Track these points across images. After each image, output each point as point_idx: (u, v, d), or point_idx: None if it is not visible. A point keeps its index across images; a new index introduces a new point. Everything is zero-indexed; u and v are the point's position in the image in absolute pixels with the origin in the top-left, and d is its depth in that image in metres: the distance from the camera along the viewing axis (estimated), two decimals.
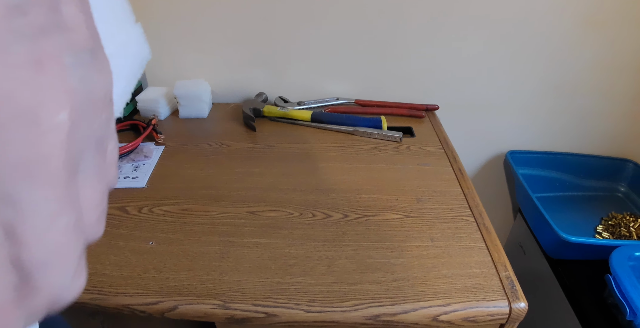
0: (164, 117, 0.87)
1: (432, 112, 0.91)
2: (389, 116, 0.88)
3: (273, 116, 0.86)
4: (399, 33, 0.87)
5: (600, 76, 0.91)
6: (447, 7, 0.83)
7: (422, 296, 0.46)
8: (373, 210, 0.60)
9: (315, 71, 0.92)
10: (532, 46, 0.87)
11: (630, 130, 0.98)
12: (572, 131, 1.00)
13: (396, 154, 0.74)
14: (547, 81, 0.92)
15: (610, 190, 1.01)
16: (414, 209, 0.60)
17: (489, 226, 0.57)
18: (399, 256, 0.52)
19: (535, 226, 0.91)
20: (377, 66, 0.91)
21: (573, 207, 0.98)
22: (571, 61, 0.89)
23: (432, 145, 0.77)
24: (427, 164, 0.71)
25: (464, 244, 0.54)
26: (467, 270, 0.50)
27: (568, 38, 0.86)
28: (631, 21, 0.83)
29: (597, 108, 0.95)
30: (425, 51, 0.89)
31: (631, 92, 0.93)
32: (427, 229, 0.56)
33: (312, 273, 0.49)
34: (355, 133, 0.81)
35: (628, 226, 0.89)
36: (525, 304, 0.46)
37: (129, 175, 0.67)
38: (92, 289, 0.47)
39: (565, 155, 1.00)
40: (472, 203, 0.62)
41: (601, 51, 0.87)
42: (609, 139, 1.00)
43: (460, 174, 0.68)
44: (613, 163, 1.00)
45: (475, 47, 0.88)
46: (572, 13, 0.83)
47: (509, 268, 0.50)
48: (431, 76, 0.92)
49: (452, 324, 0.46)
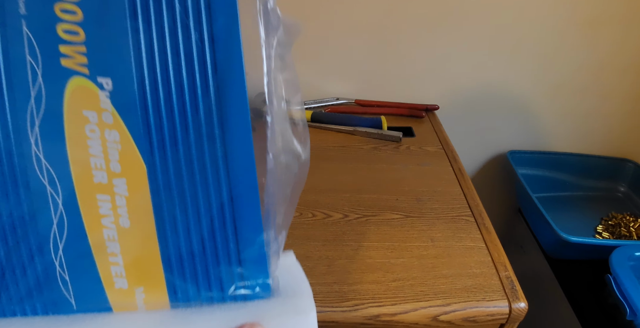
0: None
1: (432, 112, 0.91)
2: (389, 116, 0.88)
3: None
4: (399, 33, 0.87)
5: (600, 76, 0.91)
6: (447, 6, 0.83)
7: (422, 296, 0.46)
8: (373, 210, 0.60)
9: (315, 71, 0.92)
10: (533, 45, 0.87)
11: (630, 130, 0.98)
12: (572, 131, 1.00)
13: (396, 154, 0.74)
14: (548, 81, 0.92)
15: (610, 190, 1.01)
16: (414, 209, 0.60)
17: (489, 226, 0.57)
18: (399, 256, 0.52)
19: (535, 226, 0.91)
20: (377, 66, 0.91)
21: (573, 207, 0.98)
22: (571, 61, 0.89)
23: (432, 145, 0.77)
24: (427, 164, 0.71)
25: (464, 244, 0.54)
26: (467, 270, 0.50)
27: (568, 38, 0.86)
28: (632, 22, 0.83)
29: (597, 108, 0.95)
30: (425, 51, 0.89)
31: (631, 93, 0.93)
32: (427, 229, 0.56)
33: (312, 273, 0.49)
34: (355, 133, 0.81)
35: (628, 226, 0.89)
36: (525, 304, 0.46)
37: None
38: None
39: (565, 155, 1.00)
40: (472, 203, 0.62)
41: (601, 51, 0.87)
42: (609, 139, 1.00)
43: (460, 174, 0.68)
44: (613, 163, 1.00)
45: (475, 47, 0.88)
46: (572, 13, 0.83)
47: (509, 268, 0.50)
48: (431, 76, 0.92)
49: (452, 324, 0.45)
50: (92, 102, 0.21)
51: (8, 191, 0.21)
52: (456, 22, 0.85)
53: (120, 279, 0.23)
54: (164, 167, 0.22)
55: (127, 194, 0.22)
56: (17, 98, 0.21)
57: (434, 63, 0.90)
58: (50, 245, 0.22)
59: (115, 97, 0.21)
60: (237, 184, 0.22)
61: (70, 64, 0.20)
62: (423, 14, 0.84)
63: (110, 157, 0.21)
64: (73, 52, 0.20)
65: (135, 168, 0.22)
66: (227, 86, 0.22)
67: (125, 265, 0.23)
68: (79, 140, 0.21)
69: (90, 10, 0.20)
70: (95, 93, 0.21)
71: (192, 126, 0.22)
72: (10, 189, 0.21)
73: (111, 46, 0.20)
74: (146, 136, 0.21)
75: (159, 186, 0.22)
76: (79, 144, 0.21)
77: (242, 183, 0.22)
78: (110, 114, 0.21)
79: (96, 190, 0.22)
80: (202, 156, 0.22)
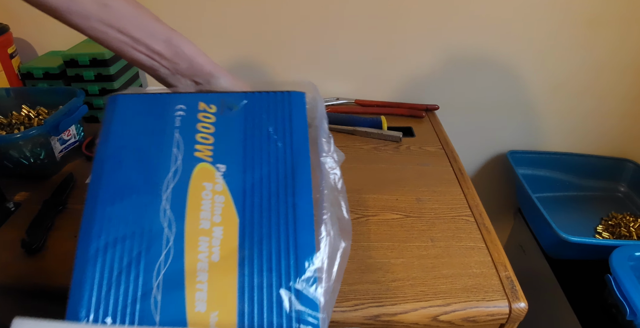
0: None
1: (432, 112, 0.91)
2: (389, 116, 0.88)
3: None
4: (399, 33, 0.87)
5: (599, 76, 0.91)
6: (447, 6, 0.83)
7: (422, 296, 0.46)
8: (373, 210, 0.60)
9: (316, 71, 0.92)
10: (532, 45, 0.87)
11: (630, 130, 0.98)
12: (572, 131, 1.00)
13: (396, 154, 0.74)
14: (548, 81, 0.92)
15: (610, 190, 1.01)
16: (414, 209, 0.60)
17: (489, 226, 0.57)
18: (399, 256, 0.52)
19: (535, 226, 0.91)
20: (377, 66, 0.91)
21: (573, 207, 0.98)
22: (571, 61, 0.89)
23: (432, 145, 0.77)
24: (427, 164, 0.71)
25: (464, 244, 0.54)
26: (467, 270, 0.50)
27: (568, 38, 0.86)
28: (632, 22, 0.83)
29: (596, 108, 0.95)
30: (425, 51, 0.89)
31: (631, 93, 0.93)
32: (427, 229, 0.56)
33: None
34: (355, 133, 0.81)
35: (628, 226, 0.89)
36: (525, 304, 0.46)
37: None
38: None
39: (565, 155, 1.00)
40: (472, 203, 0.62)
41: (601, 51, 0.87)
42: (609, 139, 1.00)
43: (460, 174, 0.68)
44: (613, 163, 1.00)
45: (475, 47, 0.88)
46: (572, 14, 0.83)
47: (509, 268, 0.50)
48: (431, 76, 0.92)
49: (452, 324, 0.46)
50: (210, 177, 0.33)
51: (135, 228, 0.31)
52: (456, 22, 0.85)
53: (201, 303, 0.29)
54: (251, 222, 0.32)
55: (222, 238, 0.31)
56: (161, 170, 0.33)
57: (435, 63, 0.90)
58: (154, 271, 0.30)
59: (226, 176, 0.33)
60: (301, 236, 0.32)
61: (201, 155, 0.34)
62: (423, 14, 0.84)
63: (215, 212, 0.32)
64: (204, 149, 0.35)
65: (231, 221, 0.32)
66: (298, 174, 0.34)
67: (208, 292, 0.29)
68: (196, 200, 0.32)
69: (219, 128, 0.36)
70: (213, 172, 0.34)
71: (274, 199, 0.33)
72: (138, 225, 0.31)
73: (229, 148, 0.35)
74: (242, 201, 0.33)
75: (245, 235, 0.31)
76: (195, 202, 0.32)
77: (304, 236, 0.32)
78: (220, 185, 0.33)
79: (200, 234, 0.31)
80: (278, 219, 0.32)
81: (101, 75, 0.78)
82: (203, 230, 0.31)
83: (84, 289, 0.29)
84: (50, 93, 0.73)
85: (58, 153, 0.67)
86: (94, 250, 0.30)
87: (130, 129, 0.35)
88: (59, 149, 0.67)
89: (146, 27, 0.39)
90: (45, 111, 0.72)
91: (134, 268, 0.30)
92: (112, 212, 0.31)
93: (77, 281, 0.29)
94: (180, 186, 0.32)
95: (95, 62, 0.76)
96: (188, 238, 0.31)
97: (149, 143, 0.34)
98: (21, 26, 0.87)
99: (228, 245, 0.31)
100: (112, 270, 0.29)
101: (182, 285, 0.29)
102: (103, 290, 0.29)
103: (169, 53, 0.39)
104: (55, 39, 0.89)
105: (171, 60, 0.40)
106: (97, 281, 0.29)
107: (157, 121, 0.36)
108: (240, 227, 0.31)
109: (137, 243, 0.30)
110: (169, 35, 0.39)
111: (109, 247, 0.30)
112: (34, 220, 0.56)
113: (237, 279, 0.30)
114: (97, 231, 0.31)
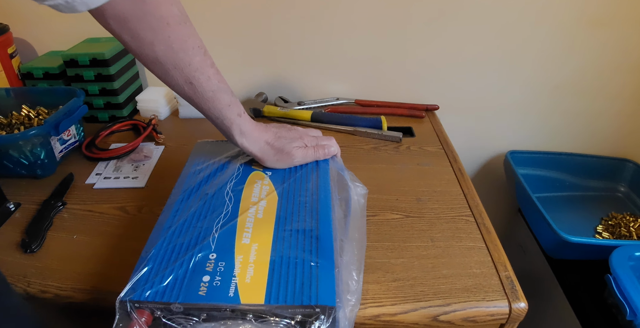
0: (164, 118, 0.87)
1: (432, 112, 0.91)
2: (389, 116, 0.88)
3: (273, 116, 0.86)
4: (399, 33, 0.87)
5: (600, 76, 0.91)
6: (447, 6, 0.83)
7: (422, 296, 0.46)
8: (373, 210, 0.60)
9: (315, 71, 0.93)
10: (533, 45, 0.87)
11: (630, 130, 0.98)
12: (572, 131, 1.00)
13: (396, 154, 0.74)
14: (548, 81, 0.92)
15: (610, 190, 1.01)
16: (414, 209, 0.60)
17: (489, 226, 0.57)
18: (399, 256, 0.52)
19: (535, 226, 0.91)
20: (377, 66, 0.91)
21: (573, 207, 0.98)
22: (571, 61, 0.89)
23: (432, 145, 0.77)
24: (427, 164, 0.71)
25: (464, 244, 0.54)
26: (467, 270, 0.50)
27: (568, 38, 0.86)
28: (632, 22, 0.83)
29: (597, 108, 0.95)
30: (425, 51, 0.89)
31: (631, 93, 0.93)
32: (427, 229, 0.56)
33: None
34: (355, 133, 0.81)
35: (628, 226, 0.89)
36: (525, 304, 0.46)
37: (129, 175, 0.67)
38: (91, 289, 0.47)
39: (565, 155, 1.00)
40: (472, 203, 0.62)
41: (601, 52, 0.87)
42: (609, 139, 1.00)
43: (460, 174, 0.68)
44: (613, 163, 1.00)
45: (475, 47, 0.88)
46: (572, 13, 0.83)
47: (509, 268, 0.50)
48: (431, 76, 0.92)
49: (452, 324, 0.46)
50: (260, 177, 0.51)
51: (209, 203, 0.46)
52: (457, 22, 0.85)
53: (246, 238, 0.41)
54: (287, 200, 0.46)
55: (265, 206, 0.45)
56: (229, 176, 0.51)
57: (435, 63, 0.90)
58: (215, 221, 0.43)
59: (271, 177, 0.51)
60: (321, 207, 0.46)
61: (255, 167, 0.53)
62: (424, 14, 0.84)
63: (262, 192, 0.48)
64: (258, 167, 0.53)
65: (272, 198, 0.47)
66: (321, 179, 0.50)
67: (252, 233, 0.41)
68: (250, 188, 0.48)
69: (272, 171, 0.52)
70: (262, 175, 0.51)
71: (303, 189, 0.49)
72: (208, 201, 0.46)
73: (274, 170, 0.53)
74: (281, 187, 0.49)
75: (281, 207, 0.45)
76: (249, 189, 0.48)
77: (323, 208, 0.46)
78: (267, 180, 0.50)
79: (250, 204, 0.46)
80: (305, 198, 0.47)
81: (101, 75, 0.78)
82: (253, 202, 0.46)
83: (166, 223, 0.43)
84: (50, 93, 0.73)
85: (58, 153, 0.67)
86: (173, 214, 0.44)
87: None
88: (59, 149, 0.67)
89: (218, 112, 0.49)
90: (45, 111, 0.72)
91: (200, 221, 0.43)
92: (188, 199, 0.47)
93: (160, 222, 0.44)
94: (240, 181, 0.50)
95: (95, 62, 0.76)
96: (242, 206, 0.45)
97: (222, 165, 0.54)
98: (21, 26, 0.87)
99: (269, 210, 0.45)
100: (185, 222, 0.43)
101: (234, 229, 0.42)
102: (177, 230, 0.42)
103: None
104: (55, 39, 0.89)
105: None
106: (174, 224, 0.43)
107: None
108: (278, 201, 0.46)
109: (205, 211, 0.44)
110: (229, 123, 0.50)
111: (182, 212, 0.44)
112: (33, 219, 0.56)
113: (274, 227, 0.42)
114: (176, 207, 0.46)
